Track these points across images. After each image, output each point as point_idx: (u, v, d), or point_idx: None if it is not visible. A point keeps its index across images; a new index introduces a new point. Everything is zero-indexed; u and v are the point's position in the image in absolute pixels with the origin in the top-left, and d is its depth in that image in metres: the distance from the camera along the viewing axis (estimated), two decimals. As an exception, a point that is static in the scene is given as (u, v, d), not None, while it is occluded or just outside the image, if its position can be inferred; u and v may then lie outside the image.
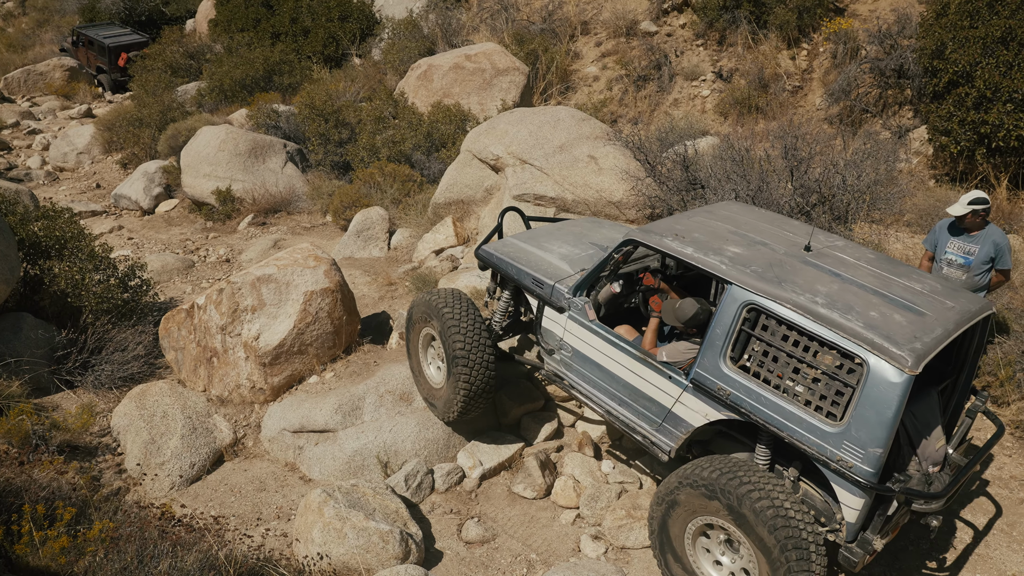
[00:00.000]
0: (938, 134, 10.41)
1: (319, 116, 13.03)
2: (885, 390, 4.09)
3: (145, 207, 12.95)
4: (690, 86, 14.28)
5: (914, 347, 4.12)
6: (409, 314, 6.53)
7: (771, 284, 4.57)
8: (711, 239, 5.10)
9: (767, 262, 4.80)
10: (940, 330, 4.32)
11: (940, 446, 4.71)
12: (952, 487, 4.56)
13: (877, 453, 4.14)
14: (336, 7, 17.83)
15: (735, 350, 4.67)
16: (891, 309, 4.42)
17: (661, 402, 5.12)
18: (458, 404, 6.05)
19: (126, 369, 7.39)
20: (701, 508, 4.62)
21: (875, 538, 4.37)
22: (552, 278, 5.84)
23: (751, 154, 8.63)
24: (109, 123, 15.56)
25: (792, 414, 4.41)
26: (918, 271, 5.01)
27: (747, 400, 4.59)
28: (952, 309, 4.53)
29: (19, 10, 28.03)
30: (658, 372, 5.10)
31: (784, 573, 4.29)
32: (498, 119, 10.39)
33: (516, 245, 6.42)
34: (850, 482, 4.27)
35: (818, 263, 4.83)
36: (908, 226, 9.08)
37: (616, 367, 5.38)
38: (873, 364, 4.12)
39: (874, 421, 4.13)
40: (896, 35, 12.29)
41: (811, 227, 5.40)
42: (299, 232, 11.56)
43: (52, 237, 8.04)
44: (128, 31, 21.52)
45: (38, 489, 4.94)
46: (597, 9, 16.20)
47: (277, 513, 6.04)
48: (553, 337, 5.87)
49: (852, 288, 4.57)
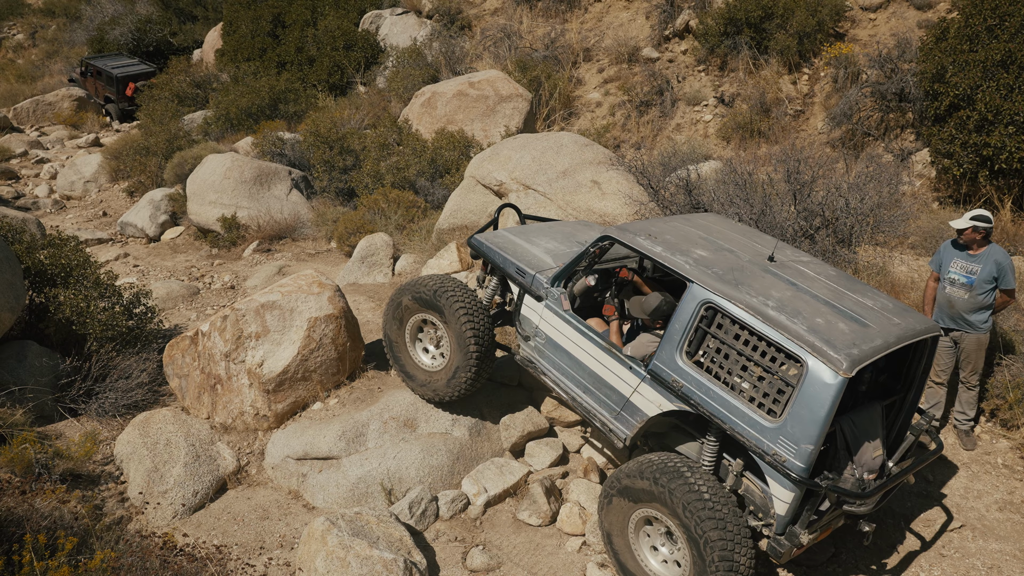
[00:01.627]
0: (940, 157, 10.43)
1: (324, 143, 13.13)
2: (820, 390, 4.38)
3: (151, 234, 13.02)
4: (692, 111, 14.37)
5: (851, 352, 4.39)
6: (396, 304, 6.71)
7: (728, 285, 4.89)
8: (681, 242, 5.44)
9: (729, 267, 5.13)
10: (880, 341, 4.59)
11: (877, 456, 4.95)
12: (880, 492, 4.81)
13: (809, 449, 4.42)
14: (341, 36, 18.04)
15: (691, 345, 4.99)
16: (837, 318, 4.70)
17: (621, 391, 5.45)
18: (469, 376, 6.28)
19: (130, 397, 7.38)
20: (642, 501, 4.96)
21: (803, 532, 4.61)
22: (534, 268, 6.19)
23: (754, 178, 8.65)
24: (116, 152, 15.70)
25: (736, 408, 4.72)
26: (874, 290, 5.27)
27: (697, 393, 4.91)
28: (897, 325, 4.80)
29: (29, 42, 28.45)
30: (620, 362, 5.43)
31: (709, 563, 4.59)
32: (501, 145, 10.45)
33: (506, 237, 6.77)
34: (783, 475, 4.54)
35: (778, 272, 5.15)
36: (912, 248, 9.07)
37: (583, 356, 5.73)
38: (811, 365, 4.41)
39: (808, 419, 4.42)
40: (896, 59, 12.37)
41: (778, 241, 5.73)
42: (303, 258, 11.59)
43: (58, 265, 8.07)
44: (136, 61, 21.81)
45: (40, 518, 4.91)
46: (599, 36, 16.35)
47: (280, 542, 5.98)
48: (530, 324, 6.21)
49: (804, 297, 4.87)
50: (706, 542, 4.59)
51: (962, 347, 6.36)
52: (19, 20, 30.36)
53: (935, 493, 6.16)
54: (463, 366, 6.28)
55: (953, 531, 5.78)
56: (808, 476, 4.49)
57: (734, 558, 4.55)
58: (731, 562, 4.55)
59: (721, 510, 4.63)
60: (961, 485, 6.22)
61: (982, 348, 6.32)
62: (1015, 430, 6.62)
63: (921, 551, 5.63)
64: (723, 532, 4.57)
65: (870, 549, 5.64)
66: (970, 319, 6.23)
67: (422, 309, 6.52)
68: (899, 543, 5.71)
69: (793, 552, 4.67)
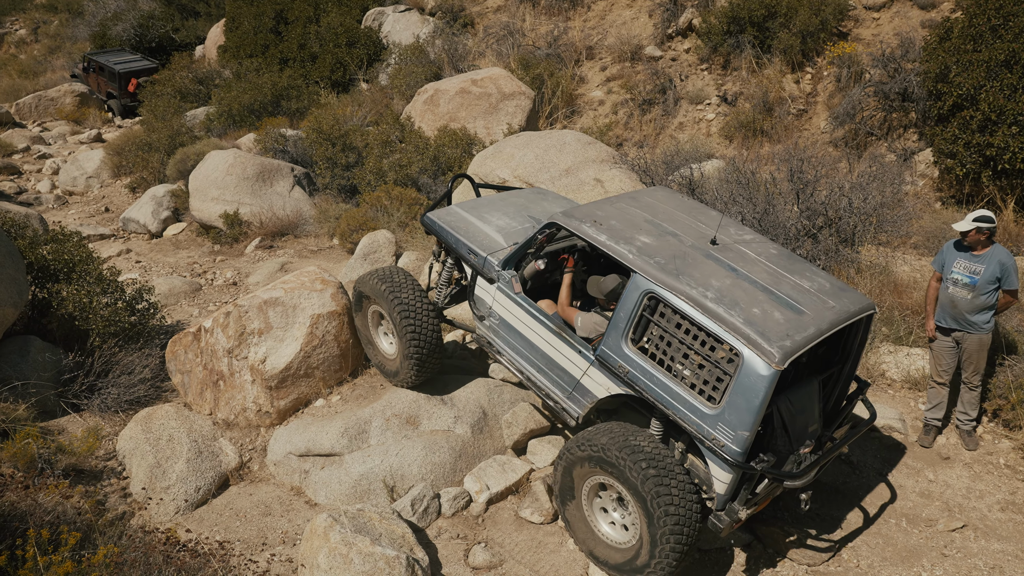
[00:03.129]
0: (944, 156, 10.42)
1: (326, 140, 13.12)
2: (755, 381, 4.56)
3: (153, 230, 13.02)
4: (695, 110, 14.35)
5: (783, 345, 4.57)
6: (355, 296, 7.03)
7: (670, 276, 5.02)
8: (626, 227, 5.54)
9: (671, 254, 5.26)
10: (813, 329, 4.76)
11: (813, 429, 5.16)
12: (813, 467, 5.02)
13: (744, 436, 4.63)
14: (344, 33, 18.02)
15: (636, 333, 5.16)
16: (773, 307, 4.86)
17: (572, 373, 5.66)
18: (412, 369, 6.62)
19: (132, 392, 7.39)
20: (595, 469, 5.13)
21: (741, 509, 4.84)
22: (485, 250, 6.32)
23: (757, 177, 8.66)
24: (118, 147, 15.70)
25: (678, 395, 4.91)
26: (813, 269, 5.43)
27: (642, 379, 5.10)
28: (831, 309, 4.97)
29: (31, 37, 28.44)
30: (570, 346, 5.61)
31: (659, 528, 4.80)
32: (504, 143, 10.45)
33: (458, 214, 6.87)
34: (721, 459, 4.76)
35: (719, 257, 5.29)
36: (915, 248, 9.07)
37: (536, 338, 5.91)
38: (747, 357, 4.59)
39: (743, 407, 4.61)
40: (900, 59, 12.36)
41: (722, 218, 5.85)
42: (306, 255, 11.59)
43: (60, 260, 8.07)
44: (138, 57, 21.80)
45: (43, 513, 4.92)
46: (602, 34, 16.34)
47: (282, 538, 5.99)
48: (484, 305, 6.37)
49: (743, 284, 5.03)
50: (656, 505, 4.80)
51: (964, 347, 6.35)
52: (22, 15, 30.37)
53: (936, 492, 6.16)
54: (407, 356, 6.59)
55: (955, 531, 5.78)
56: (744, 460, 4.72)
57: (682, 531, 4.80)
58: (679, 528, 4.79)
59: (669, 475, 4.85)
60: (963, 485, 6.23)
61: (984, 348, 6.32)
62: (1017, 430, 6.62)
63: (923, 550, 5.64)
64: (672, 496, 4.80)
65: (869, 545, 5.64)
66: (972, 319, 6.22)
67: (372, 302, 6.85)
68: (900, 541, 5.72)
69: (732, 526, 4.92)
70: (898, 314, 7.70)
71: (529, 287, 6.29)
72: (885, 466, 6.45)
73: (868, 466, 6.46)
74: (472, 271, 6.48)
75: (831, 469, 6.41)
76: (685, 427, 4.89)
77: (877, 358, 7.44)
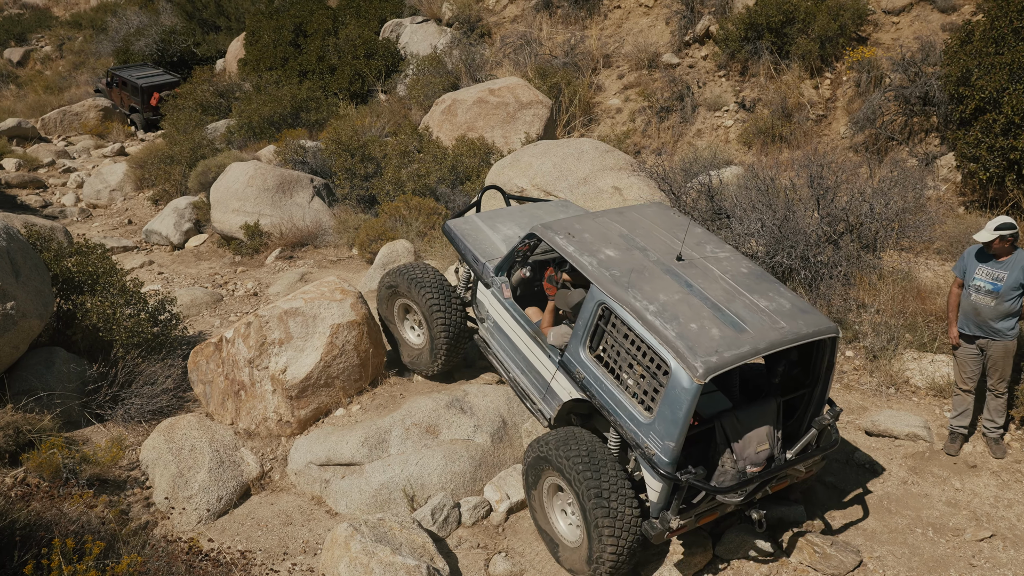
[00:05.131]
0: (966, 161, 10.30)
1: (345, 151, 13.21)
2: (680, 393, 4.71)
3: (175, 242, 13.16)
4: (713, 116, 14.30)
5: (708, 360, 4.68)
6: (383, 290, 7.39)
7: (620, 288, 5.23)
8: (595, 240, 5.78)
9: (630, 268, 5.45)
10: (748, 347, 4.84)
11: (762, 450, 5.18)
12: (748, 486, 5.06)
13: (671, 446, 4.78)
14: (362, 45, 18.15)
15: (593, 341, 5.38)
16: (714, 323, 4.97)
17: (544, 377, 6.01)
18: (441, 357, 7.05)
19: (155, 402, 7.45)
20: (549, 472, 5.37)
21: (673, 518, 4.92)
22: (486, 257, 6.71)
23: (776, 183, 8.60)
24: (141, 161, 15.89)
25: (621, 403, 5.12)
26: (781, 290, 5.43)
27: (593, 385, 5.34)
28: (778, 329, 5.01)
29: (56, 53, 28.92)
30: (543, 351, 5.96)
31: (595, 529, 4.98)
32: (522, 152, 10.47)
33: (474, 223, 7.28)
34: (652, 467, 4.91)
35: (679, 272, 5.43)
36: (938, 253, 8.96)
37: (519, 341, 6.29)
38: (674, 369, 4.74)
39: (670, 419, 4.76)
40: (920, 63, 12.24)
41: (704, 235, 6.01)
42: (325, 265, 11.66)
43: (85, 272, 8.17)
44: (160, 71, 22.08)
45: (68, 523, 4.97)
46: (619, 42, 16.34)
47: (303, 547, 6.01)
48: (483, 308, 6.82)
49: (692, 300, 5.16)
50: (591, 508, 4.98)
51: (989, 355, 6.26)
52: (47, 32, 30.88)
53: (964, 501, 6.07)
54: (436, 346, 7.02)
55: (983, 541, 5.69)
56: (672, 470, 4.84)
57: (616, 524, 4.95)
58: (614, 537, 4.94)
59: (606, 481, 5.01)
60: (991, 494, 6.13)
61: (1010, 355, 6.22)
62: (1045, 438, 6.51)
63: (950, 561, 5.55)
64: (605, 500, 4.96)
65: (894, 555, 5.56)
66: (996, 326, 6.13)
67: (400, 296, 7.24)
68: (927, 551, 5.63)
69: (665, 535, 5.01)
70: (921, 320, 7.61)
71: (520, 293, 6.59)
72: (910, 475, 6.36)
73: (893, 474, 6.37)
74: (474, 276, 6.90)
75: (854, 478, 6.33)
76: (623, 434, 5.08)
77: (901, 365, 7.35)
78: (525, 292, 6.71)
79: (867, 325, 7.62)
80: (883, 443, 6.70)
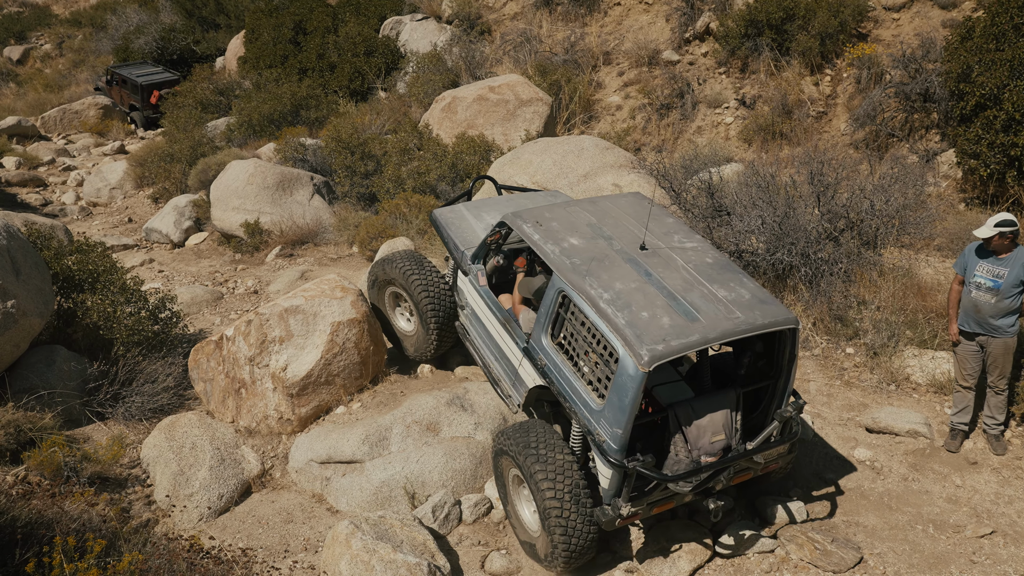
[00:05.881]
0: (967, 157, 10.29)
1: (345, 149, 13.20)
2: (626, 380, 4.73)
3: (175, 240, 13.16)
4: (713, 113, 14.29)
5: (655, 348, 4.71)
6: (372, 281, 7.58)
7: (578, 276, 5.28)
8: (562, 229, 5.83)
9: (591, 256, 5.50)
10: (698, 336, 4.85)
11: (717, 439, 5.21)
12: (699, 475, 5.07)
13: (619, 433, 4.81)
14: (362, 43, 18.14)
15: (554, 328, 5.45)
16: (666, 312, 4.99)
17: (512, 362, 6.09)
18: (432, 342, 7.20)
19: (156, 401, 7.46)
20: (510, 464, 5.45)
21: (624, 505, 4.98)
22: (465, 245, 6.83)
23: (777, 180, 8.59)
24: (141, 159, 15.89)
25: (576, 389, 5.18)
26: (744, 280, 5.41)
27: (553, 371, 5.42)
28: (733, 319, 5.01)
29: (56, 51, 28.90)
30: (512, 337, 6.03)
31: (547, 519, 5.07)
32: (522, 149, 10.46)
33: (459, 212, 7.41)
34: (602, 454, 4.96)
35: (640, 262, 5.46)
36: (939, 250, 8.95)
37: (492, 328, 6.39)
38: (622, 356, 4.77)
39: (618, 405, 4.79)
40: (920, 59, 12.23)
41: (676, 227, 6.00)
42: (326, 263, 11.66)
43: (85, 271, 8.17)
44: (160, 69, 22.06)
45: (69, 521, 4.97)
46: (619, 40, 16.33)
47: (304, 545, 6.02)
48: (462, 295, 7.00)
49: (649, 289, 5.18)
50: (541, 498, 5.07)
51: (989, 351, 6.26)
52: (46, 30, 30.86)
53: (964, 498, 6.07)
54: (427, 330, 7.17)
55: (984, 537, 5.69)
56: (620, 457, 4.86)
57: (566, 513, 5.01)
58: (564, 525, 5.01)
59: (556, 471, 5.07)
60: (992, 491, 6.13)
61: (1010, 352, 6.22)
62: (1046, 434, 6.51)
63: (951, 557, 5.55)
64: (555, 490, 5.02)
65: (895, 552, 5.57)
66: (996, 323, 6.13)
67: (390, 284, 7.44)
68: (928, 548, 5.63)
69: (617, 522, 5.05)
70: (922, 317, 7.60)
71: (495, 282, 6.71)
72: (911, 471, 6.37)
73: (894, 471, 6.38)
74: (456, 264, 7.03)
75: (855, 475, 6.34)
76: (577, 420, 5.15)
77: (902, 361, 7.35)
78: (501, 280, 6.81)
79: (868, 322, 7.62)
80: (884, 440, 6.70)
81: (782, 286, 8.05)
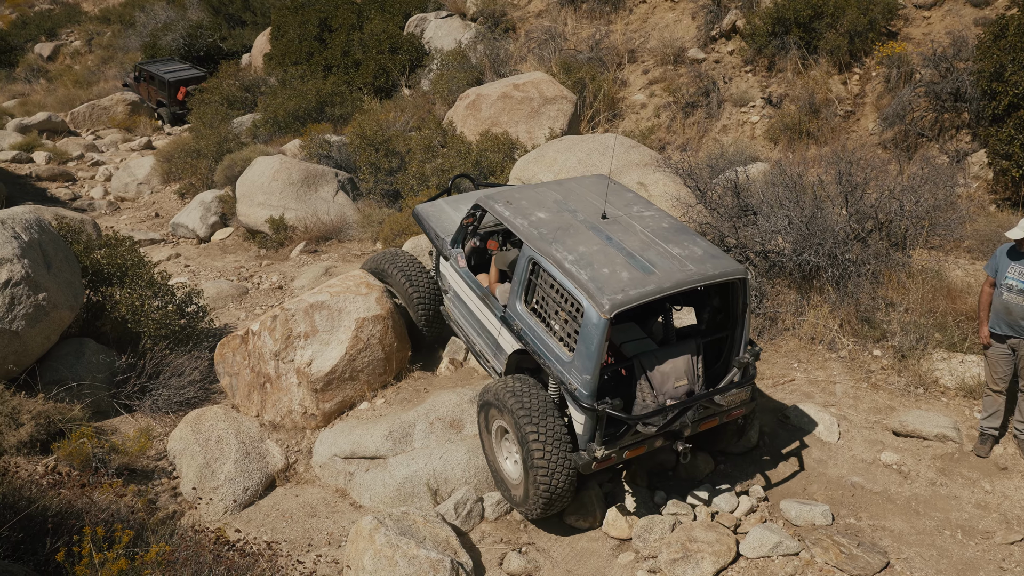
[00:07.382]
0: (998, 158, 10.13)
1: (370, 146, 13.25)
2: (591, 329, 5.20)
3: (201, 235, 13.29)
4: (739, 112, 14.18)
5: (615, 298, 5.19)
6: None
7: (546, 243, 5.75)
8: (531, 206, 6.30)
9: (557, 226, 5.96)
10: (653, 287, 5.33)
11: (680, 385, 5.63)
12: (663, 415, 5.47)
13: (587, 379, 5.25)
14: (386, 40, 18.19)
15: (527, 295, 5.91)
16: (625, 268, 5.46)
17: (492, 333, 6.50)
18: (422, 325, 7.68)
19: (182, 394, 7.54)
20: (496, 415, 5.83)
21: (598, 448, 5.35)
22: (445, 233, 7.30)
23: (804, 180, 8.50)
24: (168, 154, 16.06)
25: (549, 346, 5.61)
26: (696, 240, 5.88)
27: (527, 334, 5.86)
28: (685, 271, 5.48)
29: (85, 48, 29.27)
30: (490, 309, 6.46)
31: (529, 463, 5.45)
32: (547, 147, 10.44)
33: (439, 206, 7.91)
34: (575, 401, 5.36)
35: (601, 229, 5.92)
36: (969, 252, 8.82)
37: (473, 305, 6.79)
38: (586, 308, 5.25)
39: (585, 353, 5.25)
40: (952, 58, 12.04)
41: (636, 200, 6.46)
42: (350, 259, 11.71)
43: (114, 265, 8.28)
44: (187, 66, 22.27)
45: (98, 511, 5.04)
46: (644, 37, 16.24)
47: (328, 539, 6.05)
48: (445, 281, 7.43)
49: (609, 250, 5.64)
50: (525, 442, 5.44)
51: (1020, 354, 6.15)
52: (76, 27, 31.25)
53: (994, 504, 5.98)
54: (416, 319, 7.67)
55: (1014, 544, 5.60)
56: (591, 402, 5.26)
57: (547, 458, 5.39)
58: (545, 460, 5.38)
59: (538, 416, 5.47)
60: (1022, 497, 6.03)
61: (1043, 355, 6.12)
62: (1079, 440, 6.39)
63: (980, 564, 5.47)
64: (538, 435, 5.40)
65: (922, 557, 5.50)
66: (1029, 326, 6.03)
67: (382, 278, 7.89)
68: (956, 554, 5.55)
69: (593, 465, 5.40)
70: (951, 319, 7.50)
71: (474, 263, 7.16)
72: (939, 476, 6.28)
73: (921, 475, 6.29)
74: (437, 252, 7.46)
75: (881, 479, 6.26)
76: (552, 374, 5.55)
77: (930, 364, 7.25)
78: (479, 261, 7.27)
79: (896, 324, 7.52)
80: (911, 444, 6.61)
81: (808, 287, 7.97)
